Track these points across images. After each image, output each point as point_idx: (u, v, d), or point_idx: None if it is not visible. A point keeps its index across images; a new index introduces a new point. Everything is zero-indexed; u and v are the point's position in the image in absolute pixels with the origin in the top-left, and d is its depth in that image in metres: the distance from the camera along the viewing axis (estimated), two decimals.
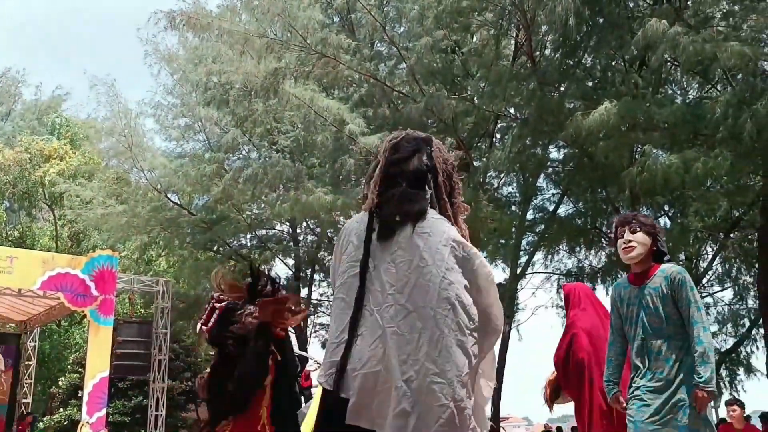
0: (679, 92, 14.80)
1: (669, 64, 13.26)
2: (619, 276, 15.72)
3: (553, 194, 17.54)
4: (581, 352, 4.35)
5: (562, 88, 13.61)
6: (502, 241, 16.47)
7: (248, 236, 19.49)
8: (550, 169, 16.40)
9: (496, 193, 16.32)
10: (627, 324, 3.57)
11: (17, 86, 31.08)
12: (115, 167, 19.96)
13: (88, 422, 14.35)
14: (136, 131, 18.24)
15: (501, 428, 17.84)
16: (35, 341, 18.76)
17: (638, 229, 3.52)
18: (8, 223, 27.45)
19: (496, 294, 2.16)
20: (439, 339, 1.94)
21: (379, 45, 16.36)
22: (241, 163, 18.31)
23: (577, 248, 17.24)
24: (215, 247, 19.27)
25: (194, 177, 16.89)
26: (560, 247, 17.48)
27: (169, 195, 18.66)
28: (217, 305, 3.16)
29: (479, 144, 16.41)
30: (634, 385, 3.45)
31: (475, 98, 14.13)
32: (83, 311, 15.47)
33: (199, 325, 3.19)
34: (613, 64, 13.69)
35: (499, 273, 17.38)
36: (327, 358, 1.96)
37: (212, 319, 3.14)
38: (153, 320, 16.97)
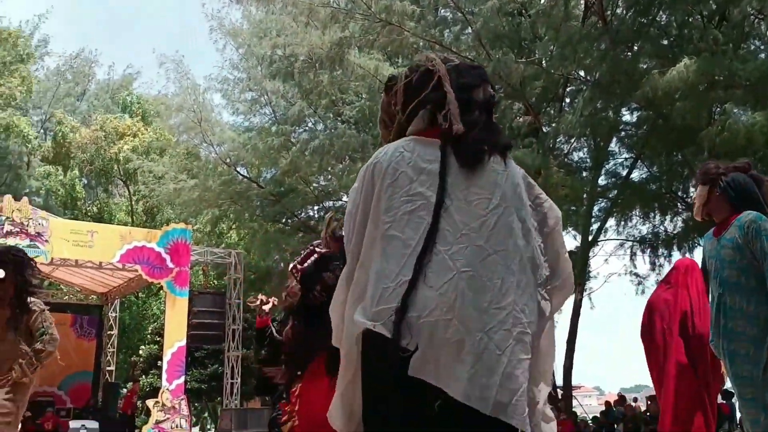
0: (762, 47, 13.99)
1: (752, 17, 12.53)
2: (696, 242, 15.18)
3: (626, 158, 16.99)
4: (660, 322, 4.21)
5: (636, 48, 13.06)
6: (573, 208, 16.07)
7: (316, 208, 19.66)
8: (623, 133, 15.85)
9: (566, 159, 15.92)
10: (711, 278, 3.32)
11: (91, 67, 32.07)
12: (186, 142, 20.42)
13: (168, 389, 14.91)
14: (204, 106, 18.58)
15: (572, 397, 17.62)
16: (116, 312, 19.56)
17: (699, 182, 3.35)
18: (87, 199, 28.57)
19: (564, 243, 1.99)
20: (527, 286, 1.77)
21: (443, 11, 16.07)
22: (308, 135, 18.43)
23: (652, 214, 16.70)
24: (284, 219, 19.55)
25: (262, 150, 17.11)
26: (634, 213, 16.96)
27: (238, 168, 18.99)
28: (318, 250, 3.15)
29: (548, 109, 16.00)
30: (718, 347, 3.23)
31: (544, 61, 13.73)
32: (160, 283, 15.98)
33: (292, 264, 3.18)
34: (690, 20, 13.03)
35: (570, 240, 17.01)
36: (379, 302, 1.68)
37: (308, 262, 3.14)
38: (226, 291, 17.40)
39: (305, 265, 3.15)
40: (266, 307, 5.33)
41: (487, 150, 1.84)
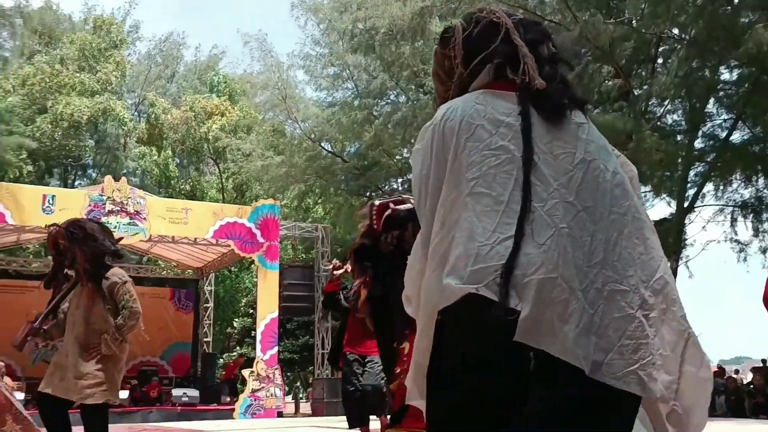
0: None
1: None
2: None
3: (725, 120, 16.06)
4: None
5: (736, 1, 12.26)
6: (668, 173, 15.38)
7: (399, 180, 19.68)
8: (722, 93, 14.97)
9: (659, 122, 15.20)
10: None
11: (179, 49, 33.11)
12: (271, 120, 20.83)
13: (262, 359, 15.43)
14: (288, 83, 18.85)
15: None
16: (211, 286, 20.33)
17: None
18: (180, 177, 29.68)
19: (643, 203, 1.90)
20: (617, 242, 1.67)
21: None
22: (390, 107, 18.40)
23: (754, 177, 15.77)
24: (368, 193, 19.69)
25: (345, 124, 17.23)
26: (734, 176, 16.08)
27: (322, 144, 19.22)
28: (393, 206, 3.06)
29: (639, 70, 15.30)
30: None
31: (634, 21, 13.11)
32: (251, 257, 16.48)
33: (382, 202, 3.10)
34: None
35: (664, 207, 16.33)
36: (476, 263, 1.59)
37: (403, 206, 3.05)
38: (314, 264, 17.75)
39: (399, 206, 3.04)
40: (337, 272, 5.41)
41: (567, 103, 1.76)
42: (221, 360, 23.68)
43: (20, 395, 13.95)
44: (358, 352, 5.45)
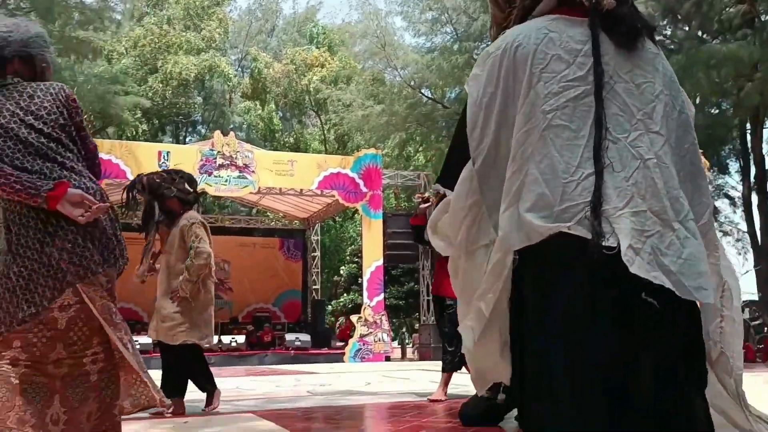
0: None
1: None
2: None
3: None
4: None
5: None
6: None
7: None
8: None
9: None
10: None
11: (277, 2, 33.47)
12: (371, 68, 20.74)
13: (369, 305, 15.77)
14: (386, 31, 18.65)
15: None
16: (317, 235, 20.85)
17: None
18: (283, 130, 30.33)
19: None
20: (697, 174, 1.65)
21: None
22: None
23: None
24: None
25: (446, 70, 16.92)
26: None
27: (422, 90, 19.01)
28: None
29: None
30: None
31: None
32: (355, 207, 16.71)
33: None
34: None
35: None
36: (563, 200, 1.51)
37: None
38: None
39: None
40: (423, 206, 5.34)
41: (641, 29, 1.65)
42: (330, 306, 24.40)
43: (147, 339, 15.00)
44: (439, 294, 5.43)
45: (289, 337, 16.62)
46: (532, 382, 1.53)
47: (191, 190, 4.56)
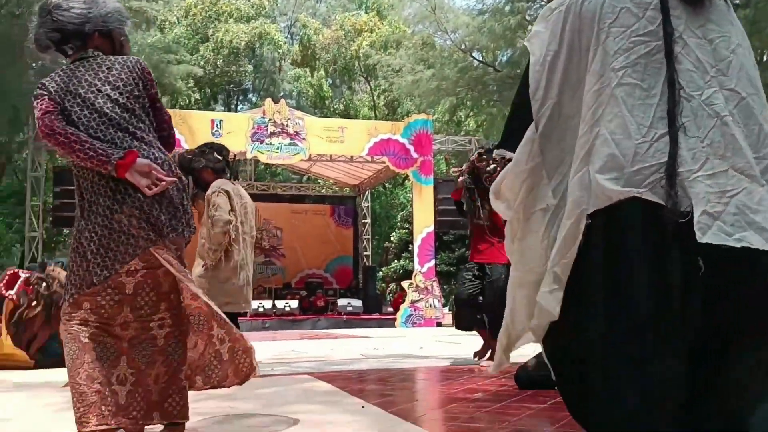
0: None
1: None
2: None
3: None
4: None
5: None
6: None
7: None
8: None
9: None
10: None
11: None
12: (420, 33, 20.46)
13: (420, 271, 15.81)
14: None
15: None
16: (368, 202, 20.93)
17: None
18: (333, 97, 30.34)
19: None
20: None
21: None
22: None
23: None
24: None
25: (498, 32, 16.53)
26: None
27: (473, 54, 18.67)
28: None
29: None
30: None
31: None
32: (406, 173, 16.66)
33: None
34: None
35: None
36: (634, 162, 1.45)
37: None
38: None
39: None
40: (461, 179, 5.28)
41: None
42: (380, 272, 24.58)
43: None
44: (475, 260, 5.33)
45: (341, 302, 16.83)
46: (596, 347, 1.48)
47: (220, 159, 4.57)
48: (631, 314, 1.42)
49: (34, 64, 15.35)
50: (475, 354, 5.44)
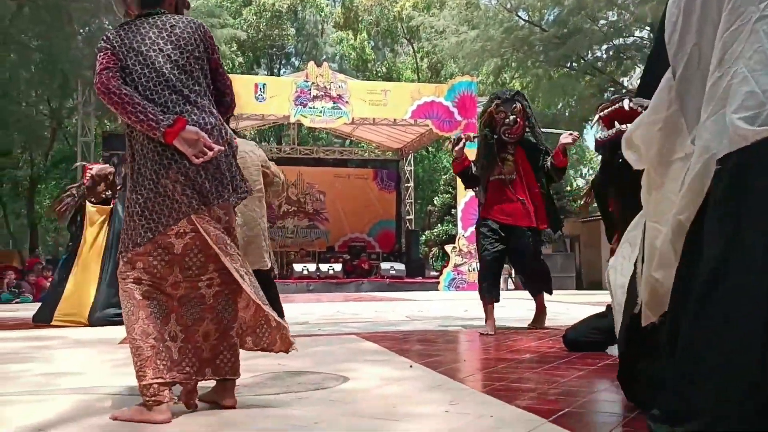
0: None
1: None
2: None
3: None
4: None
5: None
6: None
7: (604, 47, 18.28)
8: None
9: None
10: None
11: None
12: None
13: (463, 236, 15.76)
14: None
15: None
16: (411, 166, 20.86)
17: None
18: (376, 60, 30.10)
19: None
20: None
21: None
22: None
23: None
24: (569, 63, 18.59)
25: None
26: None
27: (519, 13, 18.27)
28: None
29: None
30: None
31: None
32: (450, 136, 16.52)
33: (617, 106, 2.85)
34: None
35: None
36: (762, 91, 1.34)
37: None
38: None
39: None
40: (458, 148, 4.84)
41: None
42: (423, 236, 24.59)
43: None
44: (492, 218, 4.88)
45: (384, 266, 16.93)
46: (718, 295, 1.38)
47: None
48: (755, 263, 1.31)
49: (82, 30, 15.57)
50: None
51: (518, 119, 4.82)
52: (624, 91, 18.73)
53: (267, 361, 3.16)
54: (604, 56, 18.52)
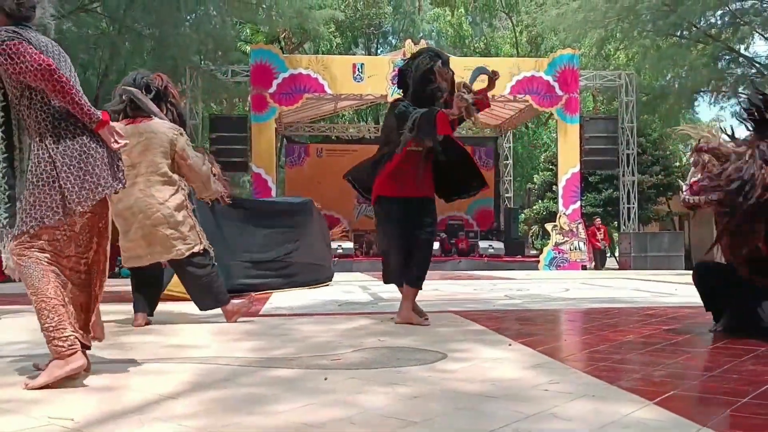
0: None
1: None
2: None
3: None
4: None
5: None
6: None
7: (719, 13, 17.18)
8: None
9: None
10: None
11: None
12: None
13: (564, 213, 15.40)
14: None
15: None
16: (509, 143, 20.52)
17: None
18: (473, 36, 29.65)
19: None
20: None
21: None
22: None
23: None
24: (679, 32, 17.62)
25: None
26: None
27: None
28: None
29: None
30: None
31: None
32: (550, 111, 16.12)
33: None
34: None
35: None
36: None
37: None
38: (617, 115, 16.76)
39: None
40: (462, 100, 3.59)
41: None
42: (522, 215, 24.18)
43: (349, 245, 15.96)
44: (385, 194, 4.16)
45: (483, 244, 16.80)
46: None
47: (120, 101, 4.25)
48: None
49: (188, 17, 16.21)
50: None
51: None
52: (740, 59, 17.59)
53: (370, 340, 3.24)
54: (719, 22, 17.41)
